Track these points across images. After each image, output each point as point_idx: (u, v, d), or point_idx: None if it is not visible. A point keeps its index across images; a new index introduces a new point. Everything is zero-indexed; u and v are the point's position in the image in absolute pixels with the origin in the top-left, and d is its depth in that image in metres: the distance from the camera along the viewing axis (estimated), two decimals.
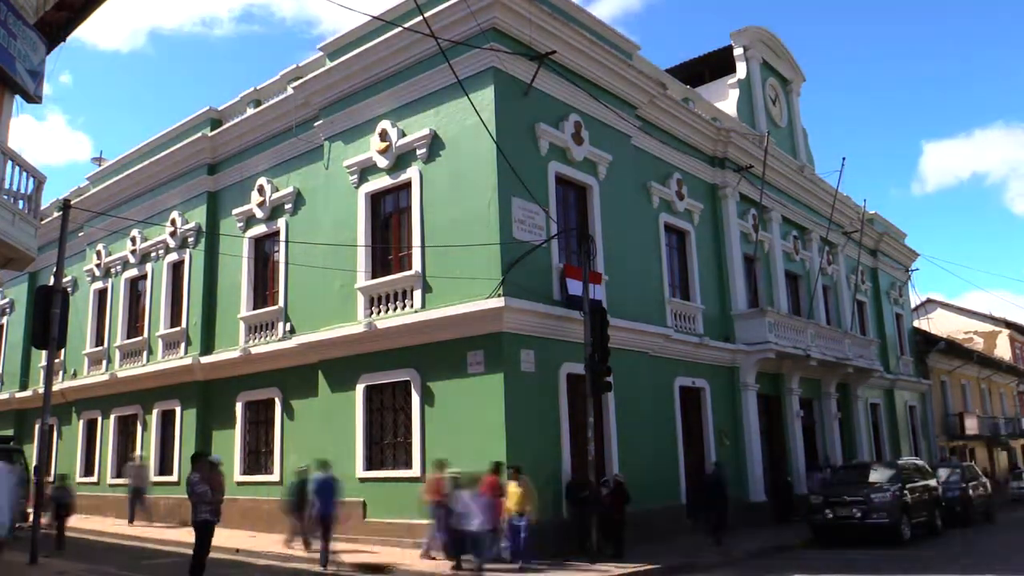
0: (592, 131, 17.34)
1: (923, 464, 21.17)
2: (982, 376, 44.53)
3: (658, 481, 17.48)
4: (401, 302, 16.06)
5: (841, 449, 25.62)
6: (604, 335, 14.12)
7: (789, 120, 28.48)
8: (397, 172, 16.66)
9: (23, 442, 24.54)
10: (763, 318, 21.76)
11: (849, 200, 29.85)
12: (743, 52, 26.09)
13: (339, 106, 17.96)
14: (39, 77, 12.16)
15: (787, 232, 25.92)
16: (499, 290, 14.24)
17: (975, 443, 42.41)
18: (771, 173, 23.78)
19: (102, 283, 25.47)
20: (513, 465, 13.29)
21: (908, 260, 36.93)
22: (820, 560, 14.82)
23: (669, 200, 20.55)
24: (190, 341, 21.40)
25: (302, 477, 15.00)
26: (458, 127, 15.58)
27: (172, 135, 23.25)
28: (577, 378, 14.98)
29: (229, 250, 20.72)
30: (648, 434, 17.46)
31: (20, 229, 11.88)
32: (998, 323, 52.70)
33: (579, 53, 16.91)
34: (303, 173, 19.27)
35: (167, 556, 15.15)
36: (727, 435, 20.81)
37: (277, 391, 18.90)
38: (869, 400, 29.26)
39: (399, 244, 16.73)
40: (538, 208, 15.36)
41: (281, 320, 19.18)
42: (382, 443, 16.09)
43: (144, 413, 22.45)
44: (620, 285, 17.25)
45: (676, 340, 19.10)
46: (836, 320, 28.05)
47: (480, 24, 14.99)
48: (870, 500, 16.91)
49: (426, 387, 15.25)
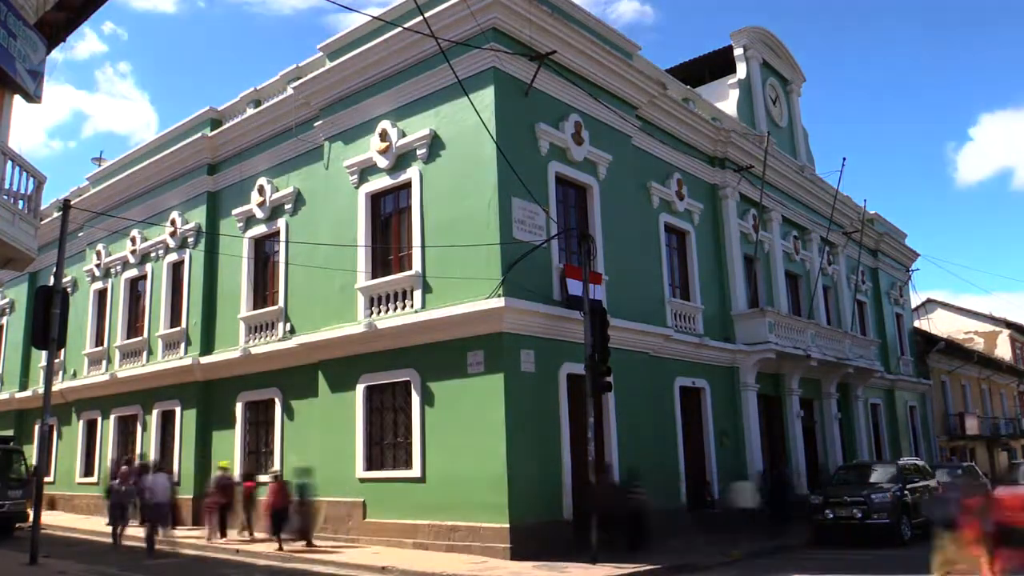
0: (592, 131, 17.34)
1: (923, 464, 21.15)
2: (982, 376, 44.54)
3: (658, 481, 17.46)
4: (401, 302, 16.06)
5: (841, 449, 25.61)
6: (604, 335, 14.11)
7: (789, 120, 28.48)
8: (397, 172, 16.66)
9: (23, 442, 24.53)
10: (763, 318, 21.76)
11: (849, 200, 29.85)
12: (743, 52, 26.09)
13: (339, 106, 17.96)
14: (39, 77, 12.16)
15: (787, 232, 25.92)
16: (499, 290, 14.24)
17: (975, 443, 42.42)
18: (771, 173, 23.79)
19: (102, 283, 25.47)
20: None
21: (908, 260, 36.94)
22: (820, 560, 14.82)
23: (669, 200, 20.55)
24: (190, 341, 21.40)
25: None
26: (458, 127, 15.58)
27: (172, 135, 23.25)
28: (577, 378, 14.97)
29: (229, 250, 20.72)
30: (648, 434, 17.46)
31: (20, 229, 11.89)
32: (998, 323, 52.72)
33: (579, 53, 16.91)
34: (303, 173, 19.27)
35: (167, 556, 15.15)
36: (727, 435, 20.80)
37: (277, 391, 18.90)
38: (869, 400, 29.25)
39: (399, 244, 16.73)
40: (538, 208, 15.36)
41: (281, 320, 19.18)
42: (382, 443, 16.09)
43: (144, 413, 22.44)
44: (620, 285, 17.25)
45: (676, 340, 19.09)
46: (836, 320, 28.05)
47: (480, 24, 14.99)
48: (870, 500, 16.91)
49: (426, 387, 15.25)
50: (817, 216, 27.49)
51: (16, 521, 19.25)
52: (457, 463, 14.40)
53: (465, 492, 14.12)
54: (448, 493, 14.41)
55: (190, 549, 16.14)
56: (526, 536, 13.46)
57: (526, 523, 13.58)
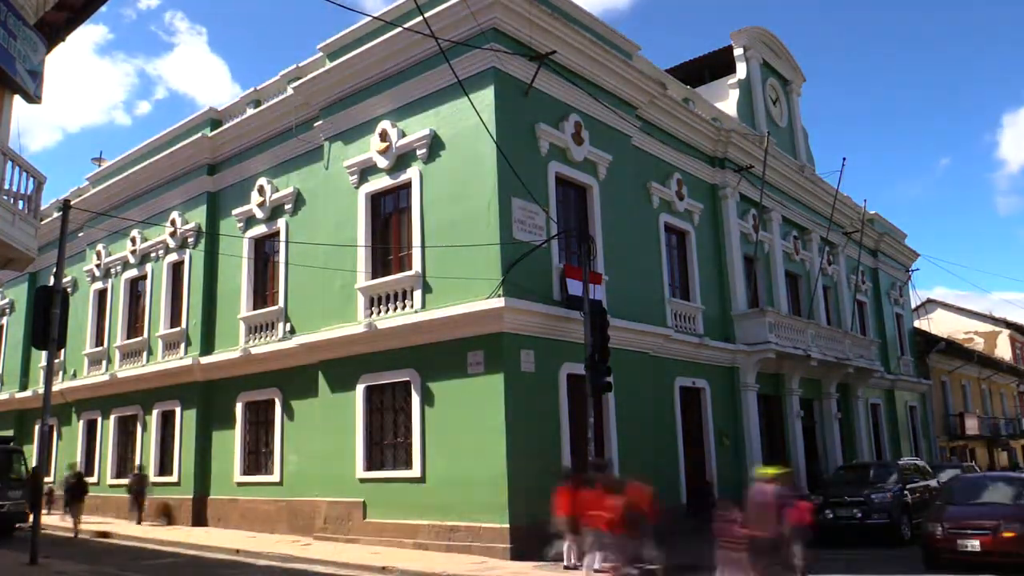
0: (592, 131, 17.33)
1: (923, 464, 21.15)
2: (982, 376, 44.54)
3: (658, 481, 17.41)
4: (401, 302, 16.05)
5: (841, 449, 25.61)
6: (604, 335, 14.11)
7: (789, 120, 28.47)
8: (397, 172, 16.65)
9: (23, 442, 24.54)
10: (763, 318, 21.75)
11: (849, 200, 29.85)
12: (743, 52, 26.08)
13: (339, 106, 17.95)
14: (39, 77, 12.15)
15: (787, 232, 25.92)
16: (499, 290, 14.24)
17: (975, 443, 42.44)
18: (771, 173, 23.78)
19: (102, 283, 25.46)
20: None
21: (908, 260, 36.94)
22: (820, 560, 14.78)
23: (669, 200, 20.54)
24: (190, 341, 21.39)
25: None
26: (458, 127, 15.57)
27: (172, 135, 23.25)
28: (577, 378, 14.96)
29: (229, 250, 20.72)
30: (648, 434, 17.46)
31: (20, 229, 11.89)
32: (998, 323, 52.72)
33: (579, 53, 16.90)
34: (303, 173, 19.27)
35: (167, 556, 15.15)
36: (727, 435, 20.80)
37: (277, 391, 18.90)
38: (869, 400, 29.24)
39: (399, 244, 16.72)
40: (538, 208, 15.35)
41: (281, 320, 19.18)
42: (382, 443, 16.08)
43: (144, 414, 22.44)
44: (620, 285, 17.24)
45: (676, 340, 19.09)
46: (836, 320, 28.04)
47: (480, 24, 14.99)
48: (870, 500, 16.90)
49: (426, 387, 15.24)
50: (817, 216, 27.49)
51: (16, 521, 19.26)
52: (457, 463, 14.39)
53: (465, 492, 14.12)
54: (448, 493, 14.40)
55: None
56: (526, 536, 13.43)
57: (526, 523, 13.56)
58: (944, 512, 13.10)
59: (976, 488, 14.18)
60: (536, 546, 13.09)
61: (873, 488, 17.49)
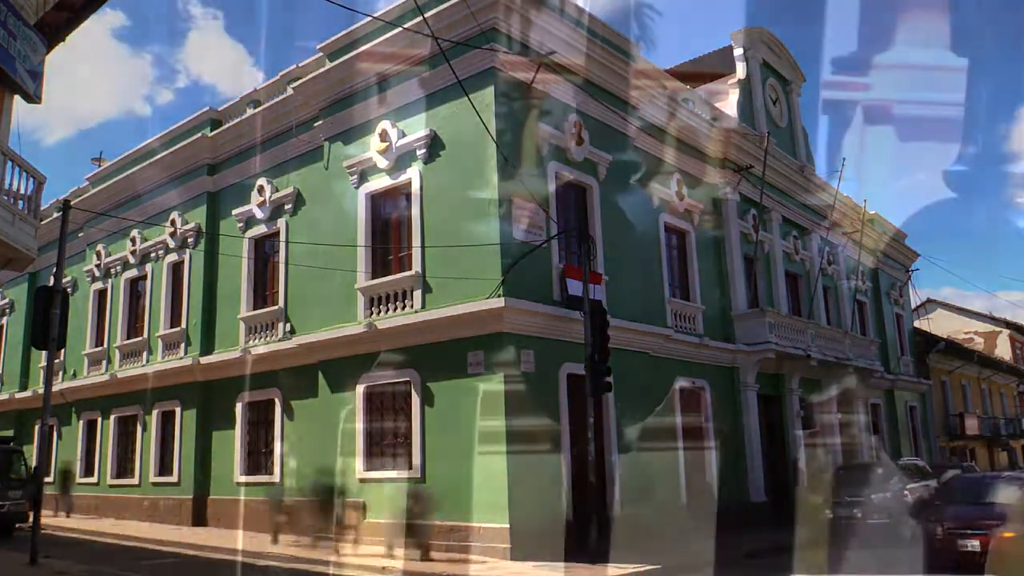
0: (592, 131, 17.33)
1: (923, 464, 21.15)
2: (982, 376, 44.53)
3: (658, 481, 17.45)
4: (401, 302, 16.05)
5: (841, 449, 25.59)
6: (604, 335, 14.11)
7: (789, 120, 28.43)
8: (397, 172, 16.64)
9: (23, 442, 24.51)
10: (763, 318, 21.75)
11: (849, 200, 29.84)
12: (743, 52, 26.06)
13: (339, 106, 17.94)
14: (39, 77, 12.15)
15: (787, 232, 25.92)
16: (499, 290, 14.23)
17: (975, 443, 42.42)
18: (771, 173, 23.77)
19: (102, 283, 25.46)
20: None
21: (908, 260, 36.92)
22: (820, 560, 14.79)
23: (669, 200, 20.54)
24: (190, 341, 21.39)
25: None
26: (458, 127, 15.56)
27: (172, 136, 23.24)
28: (577, 378, 14.95)
29: (229, 250, 20.71)
30: (648, 434, 17.44)
31: (20, 229, 11.89)
32: (998, 323, 52.72)
33: (579, 53, 16.89)
34: (303, 173, 19.26)
35: (167, 556, 15.15)
36: (727, 435, 20.78)
37: (277, 391, 18.89)
38: (869, 400, 29.23)
39: (399, 244, 16.71)
40: (538, 208, 15.35)
41: (281, 320, 19.17)
42: (382, 444, 16.08)
43: (144, 414, 22.44)
44: (620, 285, 17.24)
45: (676, 340, 19.08)
46: (836, 320, 28.03)
47: (480, 24, 14.98)
48: (870, 500, 16.91)
49: (426, 388, 15.24)
50: (817, 216, 27.48)
51: (16, 521, 19.25)
52: (457, 463, 14.38)
53: (465, 492, 14.11)
54: (448, 493, 14.40)
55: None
56: (526, 536, 13.44)
57: (526, 523, 13.57)
58: (944, 512, 13.10)
59: (976, 488, 14.18)
60: (536, 545, 13.10)
61: (873, 488, 17.51)
